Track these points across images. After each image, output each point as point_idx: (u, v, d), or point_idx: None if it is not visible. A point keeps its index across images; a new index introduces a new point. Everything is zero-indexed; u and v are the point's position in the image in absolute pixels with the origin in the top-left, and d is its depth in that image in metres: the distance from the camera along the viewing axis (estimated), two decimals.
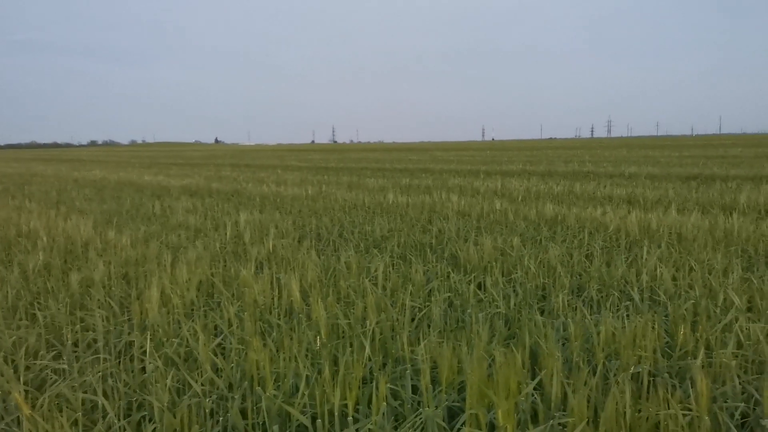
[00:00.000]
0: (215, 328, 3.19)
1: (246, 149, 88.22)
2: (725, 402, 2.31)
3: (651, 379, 2.59)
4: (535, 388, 2.49)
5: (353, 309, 3.36)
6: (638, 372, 2.59)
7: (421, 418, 2.17)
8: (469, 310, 3.47)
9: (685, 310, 3.30)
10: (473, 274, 4.38)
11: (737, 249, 5.16)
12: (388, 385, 2.45)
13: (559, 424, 2.20)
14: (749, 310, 3.52)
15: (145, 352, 2.85)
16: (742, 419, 2.38)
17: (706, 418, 2.12)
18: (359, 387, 2.41)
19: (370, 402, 2.45)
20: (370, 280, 4.15)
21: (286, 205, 9.17)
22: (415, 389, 2.62)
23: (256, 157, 37.58)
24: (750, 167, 16.08)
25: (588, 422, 2.12)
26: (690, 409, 2.18)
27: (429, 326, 3.27)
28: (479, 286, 4.11)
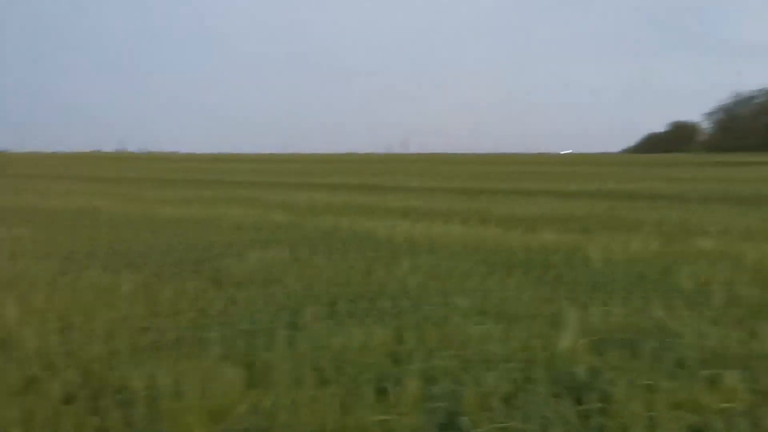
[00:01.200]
0: None
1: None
2: (432, 403, 2.44)
3: (377, 385, 2.66)
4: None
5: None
6: (367, 379, 2.65)
7: None
8: (214, 328, 3.31)
9: (422, 316, 3.51)
10: (232, 290, 4.22)
11: (484, 256, 5.68)
12: (97, 416, 2.21)
13: None
14: (482, 313, 3.84)
15: None
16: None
17: (411, 419, 2.22)
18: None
19: None
20: (113, 303, 3.78)
21: (39, 220, 8.13)
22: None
23: (27, 166, 33.23)
24: (514, 182, 18.21)
25: None
26: (402, 412, 2.28)
27: (163, 349, 3.04)
28: (234, 302, 3.97)
